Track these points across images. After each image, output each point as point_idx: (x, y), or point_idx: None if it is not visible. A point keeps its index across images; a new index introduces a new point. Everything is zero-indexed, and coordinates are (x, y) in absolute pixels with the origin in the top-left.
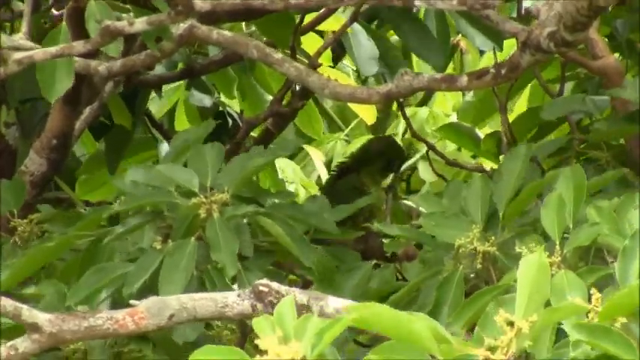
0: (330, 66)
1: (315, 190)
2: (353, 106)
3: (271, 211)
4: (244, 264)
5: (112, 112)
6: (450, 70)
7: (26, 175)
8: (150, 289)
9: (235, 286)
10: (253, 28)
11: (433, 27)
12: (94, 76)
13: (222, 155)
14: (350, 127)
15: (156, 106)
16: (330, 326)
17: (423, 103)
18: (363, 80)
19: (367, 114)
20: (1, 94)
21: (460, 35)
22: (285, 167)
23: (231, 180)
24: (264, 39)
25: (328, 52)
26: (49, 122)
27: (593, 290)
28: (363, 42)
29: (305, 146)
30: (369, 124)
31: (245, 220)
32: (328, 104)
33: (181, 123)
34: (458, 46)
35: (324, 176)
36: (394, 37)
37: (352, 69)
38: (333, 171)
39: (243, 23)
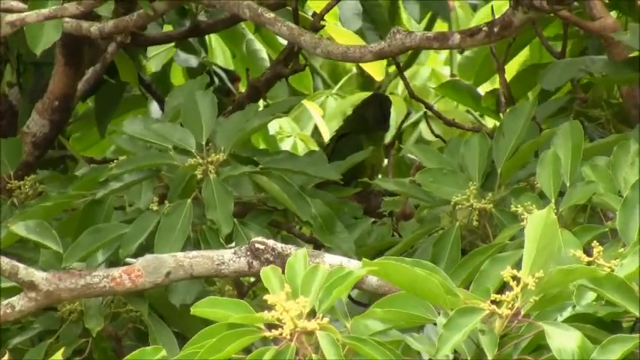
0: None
1: (312, 144)
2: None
3: (267, 169)
4: (241, 222)
5: (119, 68)
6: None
7: (28, 136)
8: (147, 250)
9: (232, 246)
10: None
11: None
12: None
13: (216, 108)
14: (340, 84)
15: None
16: (341, 281)
17: (411, 59)
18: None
19: (375, 70)
20: (5, 54)
21: None
22: (282, 122)
23: (227, 140)
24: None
25: (336, 12)
26: (52, 84)
27: (594, 243)
28: None
29: (303, 101)
30: (377, 79)
31: None
32: (318, 62)
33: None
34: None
35: (323, 129)
36: None
37: None
38: (334, 134)
39: None
